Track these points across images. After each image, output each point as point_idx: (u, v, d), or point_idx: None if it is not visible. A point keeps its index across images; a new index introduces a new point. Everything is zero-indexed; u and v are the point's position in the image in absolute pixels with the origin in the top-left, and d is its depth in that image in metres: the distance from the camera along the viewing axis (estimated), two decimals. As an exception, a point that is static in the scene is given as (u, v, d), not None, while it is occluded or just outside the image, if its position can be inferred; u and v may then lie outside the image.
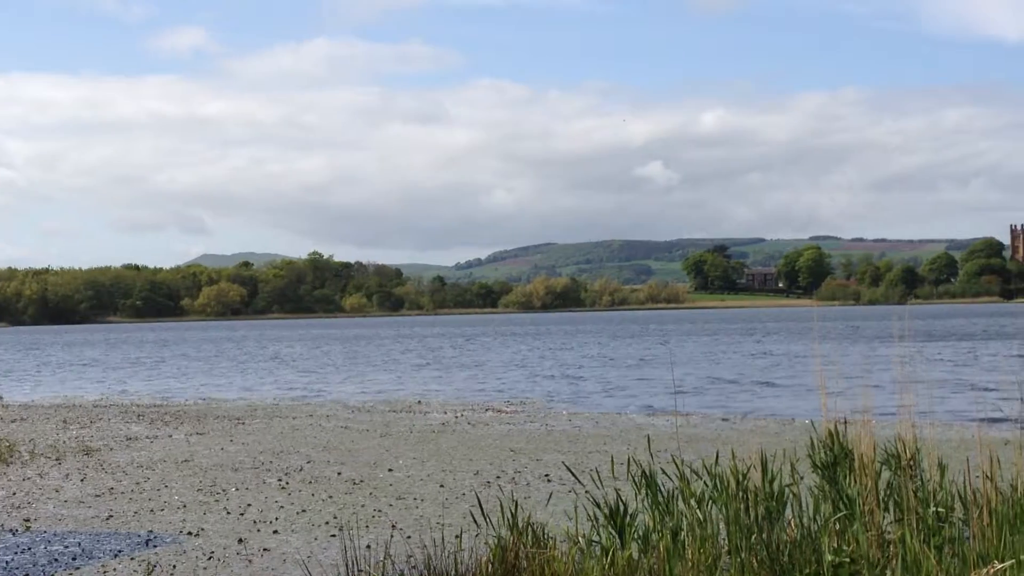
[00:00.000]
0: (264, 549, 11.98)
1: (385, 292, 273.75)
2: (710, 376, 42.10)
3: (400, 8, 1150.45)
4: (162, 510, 14.61)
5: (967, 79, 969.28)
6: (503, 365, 54.19)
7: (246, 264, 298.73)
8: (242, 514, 14.14)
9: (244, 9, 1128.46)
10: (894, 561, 8.14)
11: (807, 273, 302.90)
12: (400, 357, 65.41)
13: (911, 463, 9.29)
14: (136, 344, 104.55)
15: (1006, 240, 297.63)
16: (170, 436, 23.99)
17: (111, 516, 14.20)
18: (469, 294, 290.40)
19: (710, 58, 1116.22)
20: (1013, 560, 7.52)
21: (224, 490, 16.19)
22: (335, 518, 13.64)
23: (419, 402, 32.78)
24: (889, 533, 8.68)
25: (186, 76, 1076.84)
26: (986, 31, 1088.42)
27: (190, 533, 12.93)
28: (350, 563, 9.49)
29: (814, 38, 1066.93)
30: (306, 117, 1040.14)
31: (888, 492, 9.21)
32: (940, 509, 8.67)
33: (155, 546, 12.23)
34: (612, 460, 11.43)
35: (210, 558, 11.58)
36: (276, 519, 13.73)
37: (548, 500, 13.40)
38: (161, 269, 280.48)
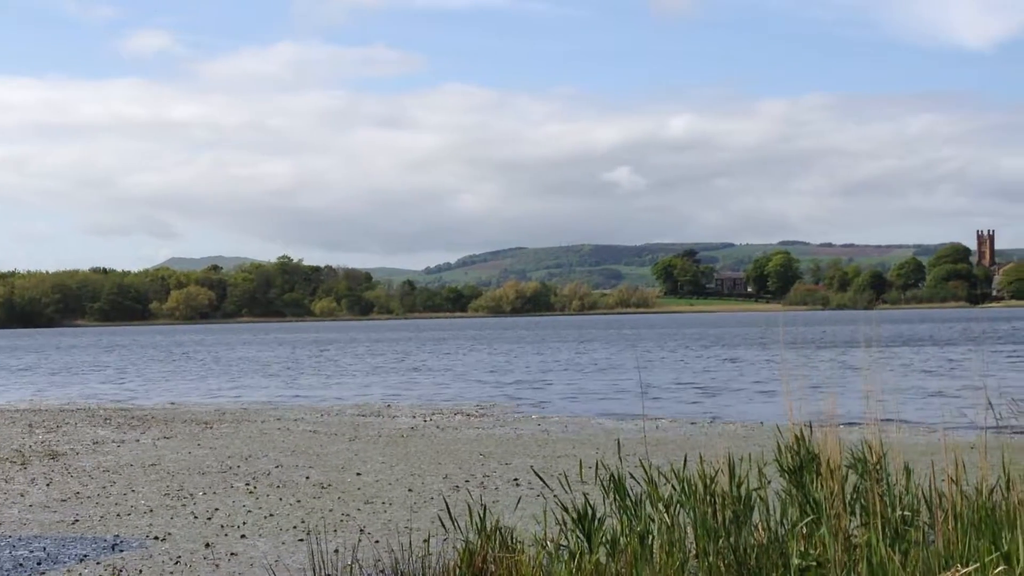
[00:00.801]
0: (231, 553, 11.92)
1: (355, 296, 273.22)
2: (679, 381, 42.19)
3: (365, 10, 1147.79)
4: (128, 514, 14.53)
5: (931, 86, 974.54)
6: (473, 369, 54.16)
7: (215, 267, 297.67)
8: (209, 518, 14.07)
9: (209, 12, 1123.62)
10: (860, 564, 8.18)
11: (776, 278, 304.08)
12: (369, 361, 65.27)
13: (877, 467, 9.34)
14: (104, 348, 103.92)
15: (973, 245, 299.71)
16: (137, 440, 23.87)
17: (77, 520, 14.12)
18: (439, 298, 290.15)
19: (676, 64, 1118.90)
20: (977, 563, 7.57)
21: (191, 494, 16.11)
22: (303, 522, 13.60)
23: (388, 406, 32.73)
24: (855, 536, 8.72)
25: (152, 79, 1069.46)
26: (950, 39, 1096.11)
27: (156, 538, 12.87)
28: (317, 567, 9.46)
29: (779, 44, 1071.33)
30: (272, 121, 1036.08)
31: (854, 496, 9.26)
32: (906, 513, 8.72)
33: (121, 551, 12.16)
34: (580, 464, 11.45)
35: (176, 563, 11.52)
36: (244, 523, 13.68)
37: (517, 504, 13.38)
38: (129, 272, 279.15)
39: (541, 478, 11.04)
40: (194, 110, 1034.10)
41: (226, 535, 12.96)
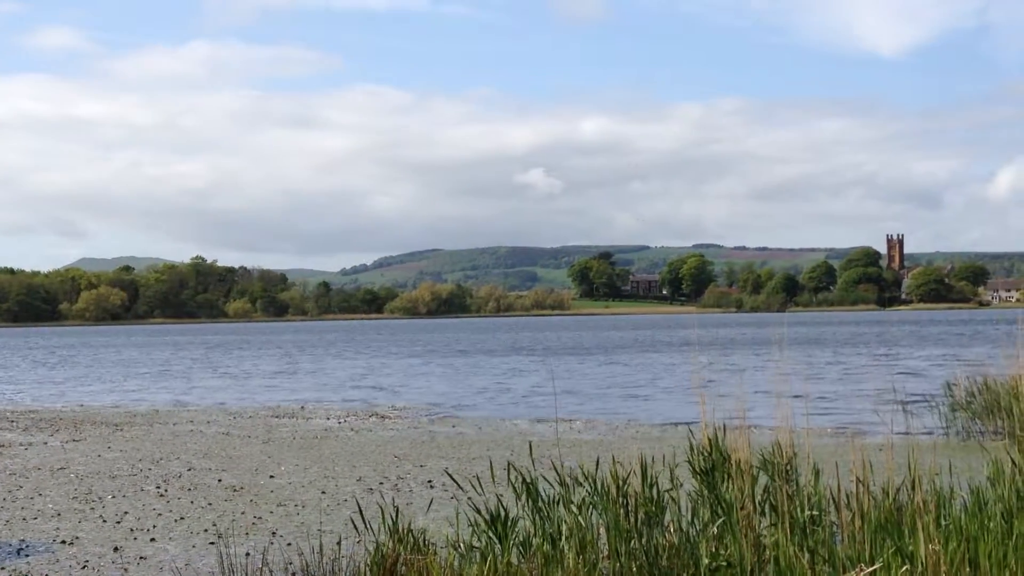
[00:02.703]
0: (140, 557, 11.77)
1: (269, 297, 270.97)
2: (593, 383, 42.37)
3: (279, 10, 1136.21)
4: (35, 519, 14.28)
5: (843, 92, 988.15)
6: (387, 370, 53.96)
7: (127, 268, 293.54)
8: (119, 522, 13.89)
9: (119, 9, 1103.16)
10: (769, 564, 8.27)
11: (690, 280, 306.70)
12: (283, 362, 64.76)
13: (787, 468, 9.45)
14: (12, 349, 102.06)
15: (883, 249, 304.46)
16: (45, 443, 23.47)
17: (-19, 525, 13.85)
18: (355, 300, 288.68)
19: (590, 67, 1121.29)
20: (881, 562, 7.68)
21: (100, 498, 15.89)
22: (214, 525, 13.46)
23: (302, 407, 32.50)
24: (765, 537, 8.81)
25: (59, 76, 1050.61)
26: (863, 46, 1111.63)
27: (64, 542, 12.66)
28: (227, 571, 9.37)
29: (693, 49, 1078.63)
30: (185, 120, 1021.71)
31: (764, 496, 9.36)
32: (814, 513, 8.83)
33: (27, 555, 11.95)
34: (492, 466, 11.45)
35: (84, 567, 11.35)
36: (154, 527, 13.51)
37: (429, 506, 13.38)
38: (38, 273, 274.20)
39: (455, 480, 11.02)
40: (104, 108, 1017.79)
41: (135, 539, 12.79)
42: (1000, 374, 22.60)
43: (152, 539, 12.75)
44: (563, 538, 9.04)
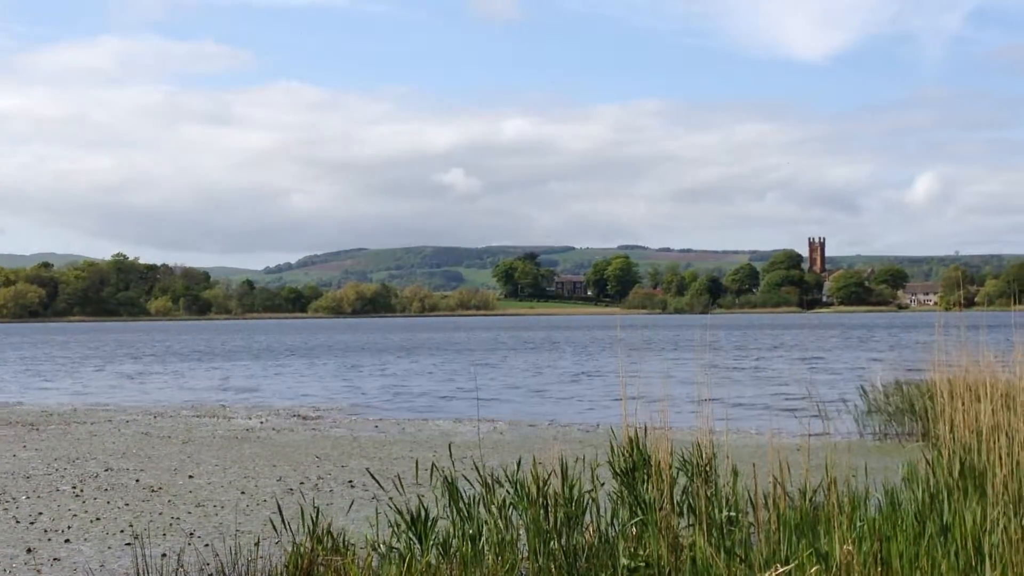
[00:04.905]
0: (54, 559, 11.59)
1: (192, 295, 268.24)
2: (516, 384, 42.44)
3: (194, 5, 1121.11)
4: (-54, 519, 14.02)
5: (764, 95, 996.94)
6: (311, 370, 53.67)
7: (46, 265, 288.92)
8: (32, 523, 13.66)
9: (28, 2, 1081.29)
10: (686, 565, 8.32)
11: (615, 281, 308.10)
12: (201, 361, 64.17)
13: (707, 469, 9.52)
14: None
15: (805, 252, 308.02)
16: (-42, 442, 23.04)
17: None
18: (279, 299, 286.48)
19: (507, 67, 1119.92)
20: (796, 562, 7.76)
21: (14, 498, 15.62)
22: (131, 526, 13.29)
23: (223, 407, 32.22)
24: (683, 537, 8.87)
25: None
26: (783, 50, 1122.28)
27: (-24, 543, 12.44)
28: (142, 572, 9.25)
29: (611, 51, 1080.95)
30: (96, 115, 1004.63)
31: (683, 497, 9.43)
32: (731, 513, 8.90)
33: (-63, 557, 11.72)
34: (416, 466, 11.43)
35: (-4, 569, 11.15)
36: (69, 528, 13.32)
37: (350, 507, 13.31)
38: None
39: (376, 480, 10.98)
40: (12, 102, 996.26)
41: (49, 540, 12.60)
42: (914, 377, 23.00)
43: (67, 540, 12.56)
44: (483, 539, 9.04)
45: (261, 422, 27.15)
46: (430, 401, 34.54)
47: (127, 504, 15.03)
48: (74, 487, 16.64)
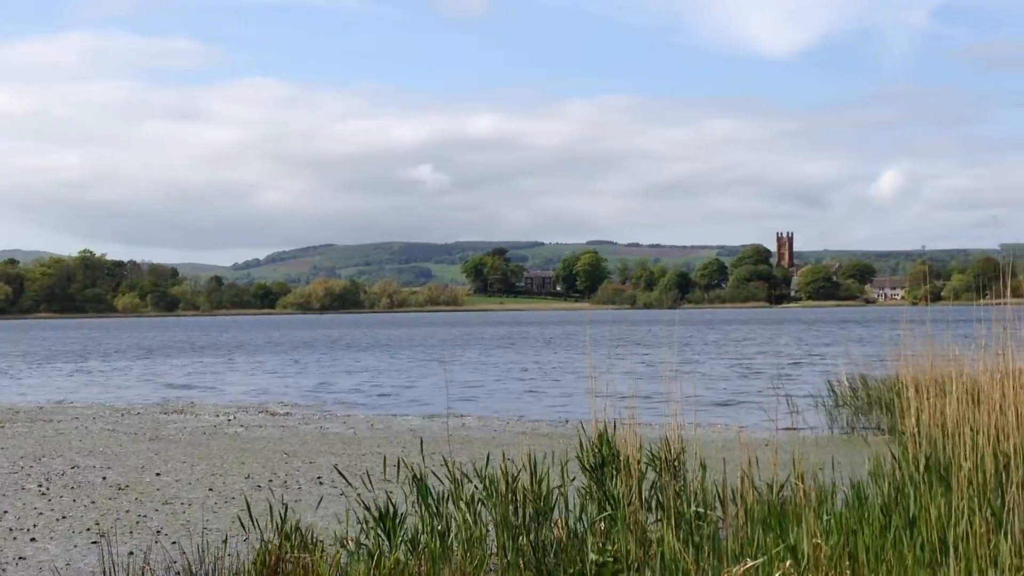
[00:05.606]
0: (20, 558, 11.51)
1: (160, 292, 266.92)
2: (485, 379, 42.45)
3: (160, 0, 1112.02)
4: (-89, 518, 13.89)
5: (733, 91, 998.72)
6: (279, 366, 53.52)
7: (12, 261, 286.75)
8: (-2, 521, 13.57)
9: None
10: (655, 560, 8.34)
11: (584, 277, 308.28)
12: (170, 357, 63.90)
13: (675, 464, 9.55)
14: None
15: (773, 247, 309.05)
16: (-77, 440, 22.85)
17: None
18: (247, 295, 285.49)
19: (477, 63, 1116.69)
20: (764, 557, 7.79)
21: (-21, 497, 15.51)
22: (97, 524, 13.22)
23: (191, 404, 32.08)
24: (652, 532, 8.89)
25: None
26: (751, 47, 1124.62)
27: (-60, 542, 12.34)
28: (108, 570, 9.20)
29: (581, 47, 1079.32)
30: (63, 110, 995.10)
31: (652, 492, 9.45)
32: (699, 508, 8.93)
33: (-99, 556, 11.62)
34: (385, 462, 11.41)
35: (-39, 568, 11.07)
36: (34, 526, 13.23)
37: (319, 503, 13.28)
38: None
39: (344, 477, 10.97)
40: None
41: (15, 538, 12.51)
42: (881, 372, 23.12)
43: (32, 539, 12.48)
44: (452, 535, 9.04)
45: (229, 419, 27.04)
46: (399, 397, 34.50)
47: (93, 502, 14.94)
48: (40, 485, 16.53)
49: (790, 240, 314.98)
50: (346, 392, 36.90)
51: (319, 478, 16.79)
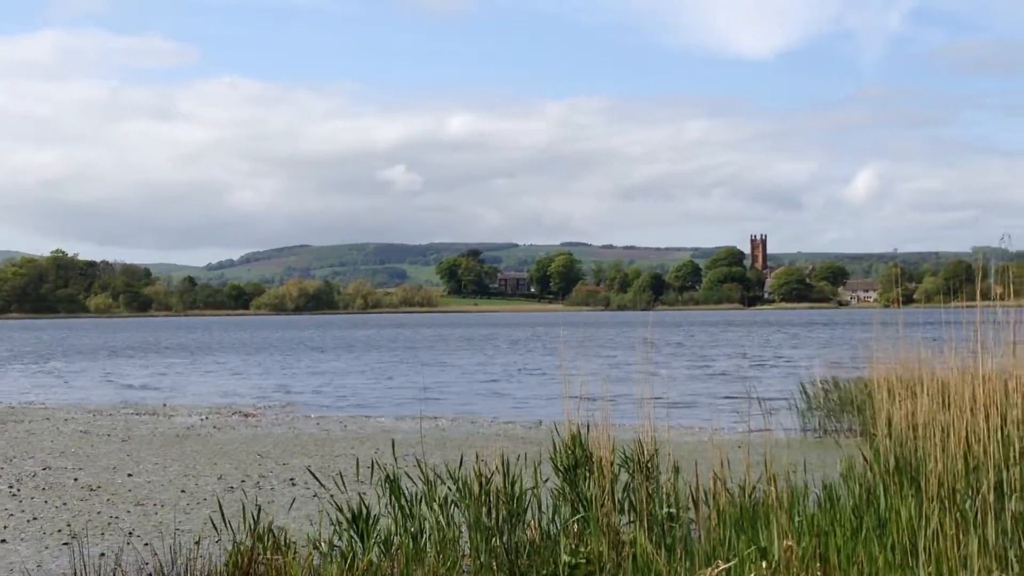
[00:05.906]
0: (-10, 559, 11.45)
1: (132, 292, 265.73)
2: (459, 381, 42.43)
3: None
4: None
5: (710, 92, 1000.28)
6: (252, 368, 53.37)
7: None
8: (-32, 523, 13.48)
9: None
10: (627, 561, 8.36)
11: (559, 278, 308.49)
12: (139, 358, 63.63)
13: (648, 465, 9.57)
14: None
15: (747, 249, 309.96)
16: None
17: None
18: (220, 295, 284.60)
19: (451, 63, 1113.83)
20: (737, 559, 7.82)
21: (-51, 498, 15.41)
22: (68, 526, 13.15)
23: (164, 405, 31.96)
24: (624, 534, 8.91)
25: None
26: (728, 48, 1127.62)
27: (-90, 544, 12.25)
28: (79, 572, 9.16)
29: (557, 48, 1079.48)
30: (38, 109, 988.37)
31: (624, 494, 9.47)
32: (671, 510, 8.95)
33: None
34: (357, 463, 11.40)
35: (-70, 570, 11.00)
36: (5, 527, 13.16)
37: (292, 505, 13.26)
38: None
39: (317, 478, 10.95)
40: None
41: (-14, 540, 12.44)
42: (853, 374, 23.22)
43: (2, 540, 12.41)
44: (425, 536, 9.04)
45: (202, 420, 26.95)
46: (372, 398, 34.46)
47: (65, 503, 14.87)
48: (11, 486, 16.44)
49: (764, 242, 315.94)
50: (319, 393, 36.82)
51: (292, 479, 16.76)
